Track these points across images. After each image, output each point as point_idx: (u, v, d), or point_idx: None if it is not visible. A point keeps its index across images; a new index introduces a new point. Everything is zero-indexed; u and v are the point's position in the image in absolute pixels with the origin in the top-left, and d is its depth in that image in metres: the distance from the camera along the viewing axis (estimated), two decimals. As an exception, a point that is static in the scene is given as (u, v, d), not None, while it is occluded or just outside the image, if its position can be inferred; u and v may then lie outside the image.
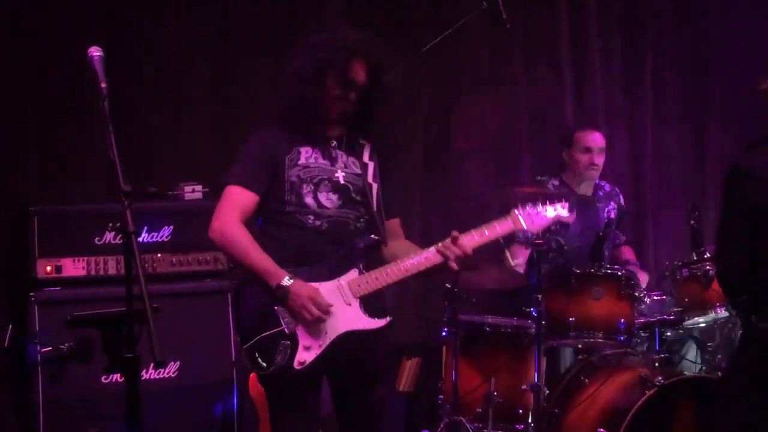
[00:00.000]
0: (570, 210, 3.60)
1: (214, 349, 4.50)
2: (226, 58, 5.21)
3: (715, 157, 6.23)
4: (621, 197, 5.45)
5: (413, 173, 5.59)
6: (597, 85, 6.06)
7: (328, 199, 3.46)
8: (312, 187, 3.45)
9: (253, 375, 4.62)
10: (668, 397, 4.21)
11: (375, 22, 5.46)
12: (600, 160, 5.22)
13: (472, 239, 3.45)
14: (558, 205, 3.58)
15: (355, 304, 3.37)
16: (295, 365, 3.28)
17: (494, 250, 4.60)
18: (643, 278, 4.92)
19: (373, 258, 3.46)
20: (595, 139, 5.24)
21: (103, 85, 2.87)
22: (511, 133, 5.84)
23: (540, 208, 3.57)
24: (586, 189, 5.28)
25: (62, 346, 4.12)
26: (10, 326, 4.26)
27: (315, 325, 3.29)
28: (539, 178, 4.58)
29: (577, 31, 6.02)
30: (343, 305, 3.36)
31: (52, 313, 4.18)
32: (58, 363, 4.16)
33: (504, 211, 3.56)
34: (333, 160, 3.51)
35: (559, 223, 3.68)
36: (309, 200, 3.43)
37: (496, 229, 3.50)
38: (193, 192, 4.59)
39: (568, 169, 5.24)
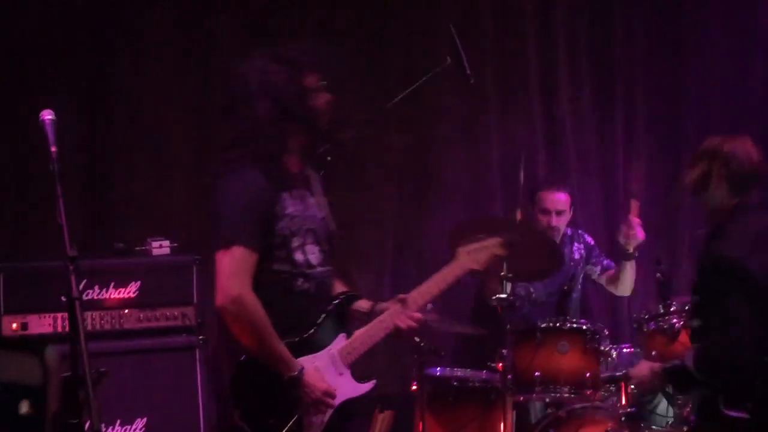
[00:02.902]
0: (503, 246, 3.57)
1: (181, 406, 4.51)
2: (203, 114, 5.21)
3: (689, 201, 6.28)
4: (585, 236, 5.46)
5: (385, 225, 5.62)
6: (568, 132, 6.08)
7: (313, 254, 3.30)
8: (300, 241, 3.26)
9: None
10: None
11: (347, 72, 5.55)
12: (558, 221, 5.24)
13: (421, 296, 3.45)
14: (492, 240, 3.56)
15: (347, 372, 3.34)
16: None
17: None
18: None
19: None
20: (554, 200, 5.25)
21: (54, 149, 2.88)
22: (483, 182, 5.86)
23: (479, 243, 3.55)
24: None
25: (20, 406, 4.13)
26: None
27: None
28: None
29: (548, 78, 6.05)
30: (336, 376, 3.30)
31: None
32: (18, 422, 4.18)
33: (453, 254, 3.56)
34: (306, 205, 3.32)
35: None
36: (299, 257, 3.25)
37: (446, 276, 3.48)
38: (160, 248, 4.61)
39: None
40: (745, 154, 3.76)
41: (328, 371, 3.27)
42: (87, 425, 2.68)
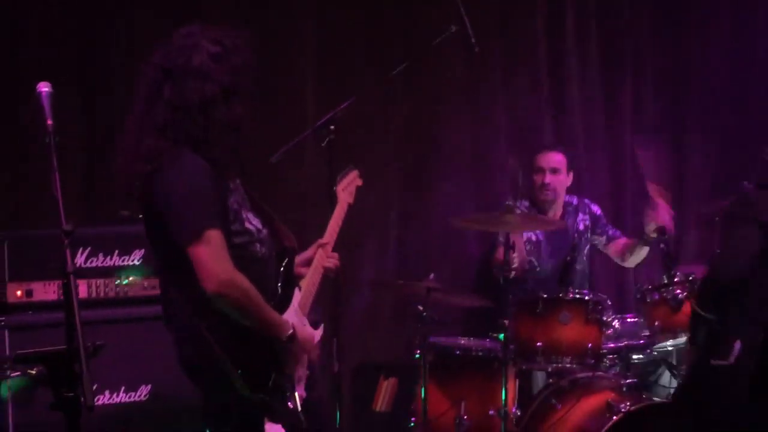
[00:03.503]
0: (360, 177, 3.95)
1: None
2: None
3: (695, 172, 6.29)
4: (591, 206, 5.46)
5: (390, 195, 5.62)
6: (575, 102, 6.08)
7: (255, 219, 3.31)
8: (246, 212, 3.26)
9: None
10: (634, 423, 4.24)
11: (348, 44, 5.55)
12: (551, 179, 5.24)
13: (331, 237, 3.70)
14: (352, 172, 3.95)
15: (307, 322, 3.41)
16: (298, 406, 3.28)
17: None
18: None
19: None
20: (548, 159, 5.26)
21: (50, 122, 2.81)
22: (490, 152, 5.86)
23: (346, 178, 3.91)
24: (555, 209, 5.33)
25: (32, 371, 4.17)
26: (-18, 351, 4.33)
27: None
28: (508, 202, 4.62)
29: (556, 49, 6.05)
30: (302, 327, 3.34)
31: (24, 337, 4.20)
32: (28, 388, 4.22)
33: None
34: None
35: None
36: (249, 226, 3.24)
37: (337, 217, 3.78)
38: (165, 215, 4.64)
39: (535, 191, 5.30)
40: None
41: (299, 324, 3.33)
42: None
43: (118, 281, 4.46)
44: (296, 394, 3.30)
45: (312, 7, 5.44)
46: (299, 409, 3.27)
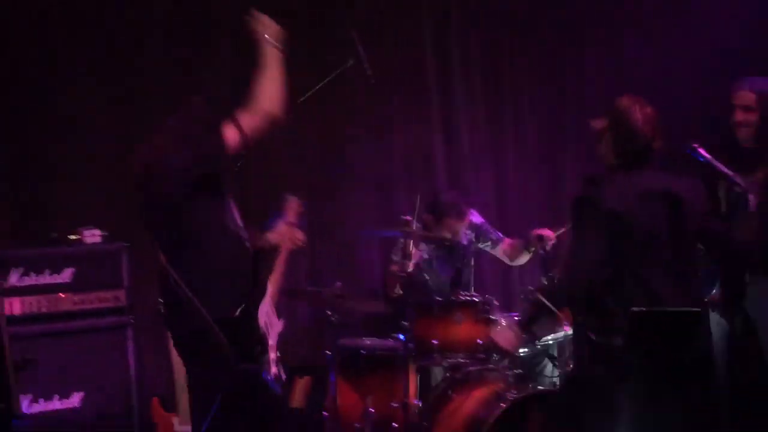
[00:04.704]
0: None
1: (115, 380, 4.50)
2: (129, 105, 5.13)
3: (571, 186, 6.40)
4: (473, 218, 5.39)
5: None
6: (462, 126, 6.12)
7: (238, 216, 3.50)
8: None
9: (155, 400, 4.65)
10: (519, 409, 4.27)
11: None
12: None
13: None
14: None
15: (274, 311, 3.68)
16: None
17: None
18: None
19: None
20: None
21: None
22: (389, 171, 5.89)
23: None
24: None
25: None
26: None
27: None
28: (405, 218, 4.68)
29: (444, 80, 6.08)
30: (273, 315, 3.67)
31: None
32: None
33: None
34: None
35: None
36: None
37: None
38: (92, 236, 4.58)
39: None
40: (639, 115, 3.57)
41: (271, 313, 3.68)
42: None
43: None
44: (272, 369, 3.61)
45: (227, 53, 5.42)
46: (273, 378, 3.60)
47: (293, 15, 5.52)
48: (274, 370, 3.53)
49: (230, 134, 3.28)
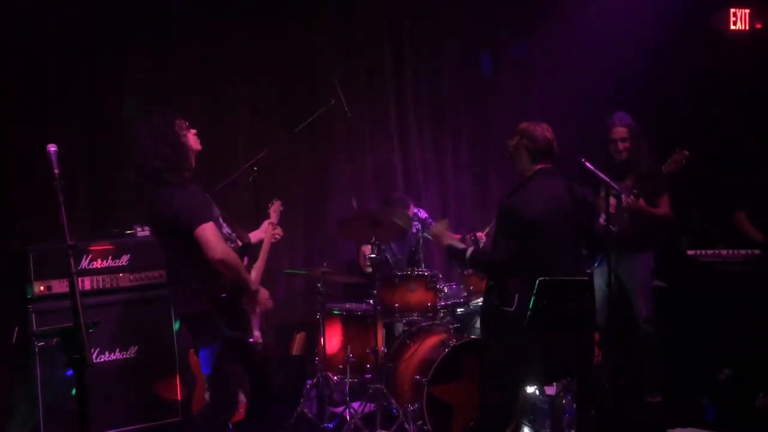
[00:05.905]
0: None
1: (161, 339, 4.47)
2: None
3: (496, 194, 6.44)
4: (420, 213, 5.40)
5: (297, 209, 5.58)
6: (415, 147, 6.10)
7: (227, 227, 3.55)
8: (222, 222, 3.53)
9: (191, 351, 4.62)
10: (459, 353, 4.33)
11: (269, 110, 5.52)
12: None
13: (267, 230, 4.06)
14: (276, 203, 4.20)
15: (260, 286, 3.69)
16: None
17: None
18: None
19: None
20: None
21: (56, 171, 2.78)
22: (360, 181, 5.89)
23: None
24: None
25: (52, 341, 4.06)
26: (17, 329, 4.19)
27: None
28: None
29: (401, 112, 6.07)
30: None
31: (46, 319, 4.15)
32: (51, 353, 4.12)
33: None
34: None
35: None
36: (224, 231, 3.52)
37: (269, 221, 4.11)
38: (143, 231, 4.57)
39: None
40: (542, 134, 3.65)
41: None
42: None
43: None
44: (255, 333, 3.60)
45: (246, 94, 5.41)
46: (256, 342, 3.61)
47: (290, 66, 5.60)
48: (257, 334, 3.58)
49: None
